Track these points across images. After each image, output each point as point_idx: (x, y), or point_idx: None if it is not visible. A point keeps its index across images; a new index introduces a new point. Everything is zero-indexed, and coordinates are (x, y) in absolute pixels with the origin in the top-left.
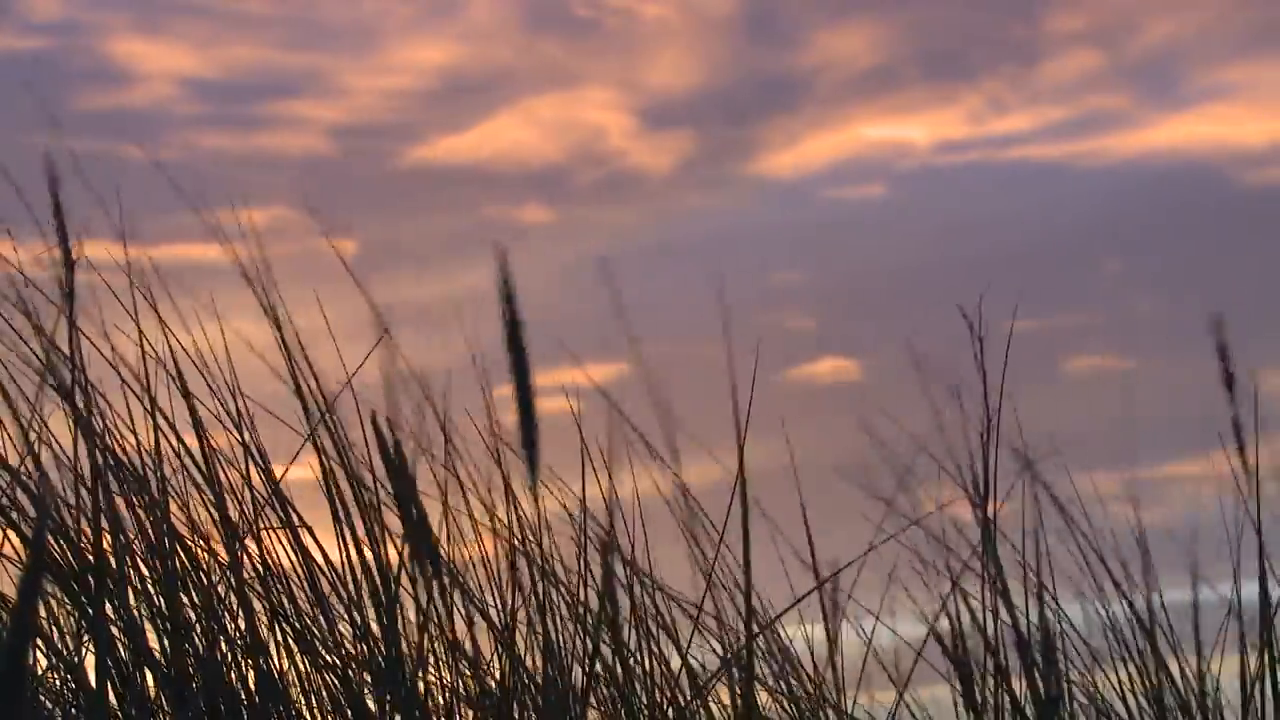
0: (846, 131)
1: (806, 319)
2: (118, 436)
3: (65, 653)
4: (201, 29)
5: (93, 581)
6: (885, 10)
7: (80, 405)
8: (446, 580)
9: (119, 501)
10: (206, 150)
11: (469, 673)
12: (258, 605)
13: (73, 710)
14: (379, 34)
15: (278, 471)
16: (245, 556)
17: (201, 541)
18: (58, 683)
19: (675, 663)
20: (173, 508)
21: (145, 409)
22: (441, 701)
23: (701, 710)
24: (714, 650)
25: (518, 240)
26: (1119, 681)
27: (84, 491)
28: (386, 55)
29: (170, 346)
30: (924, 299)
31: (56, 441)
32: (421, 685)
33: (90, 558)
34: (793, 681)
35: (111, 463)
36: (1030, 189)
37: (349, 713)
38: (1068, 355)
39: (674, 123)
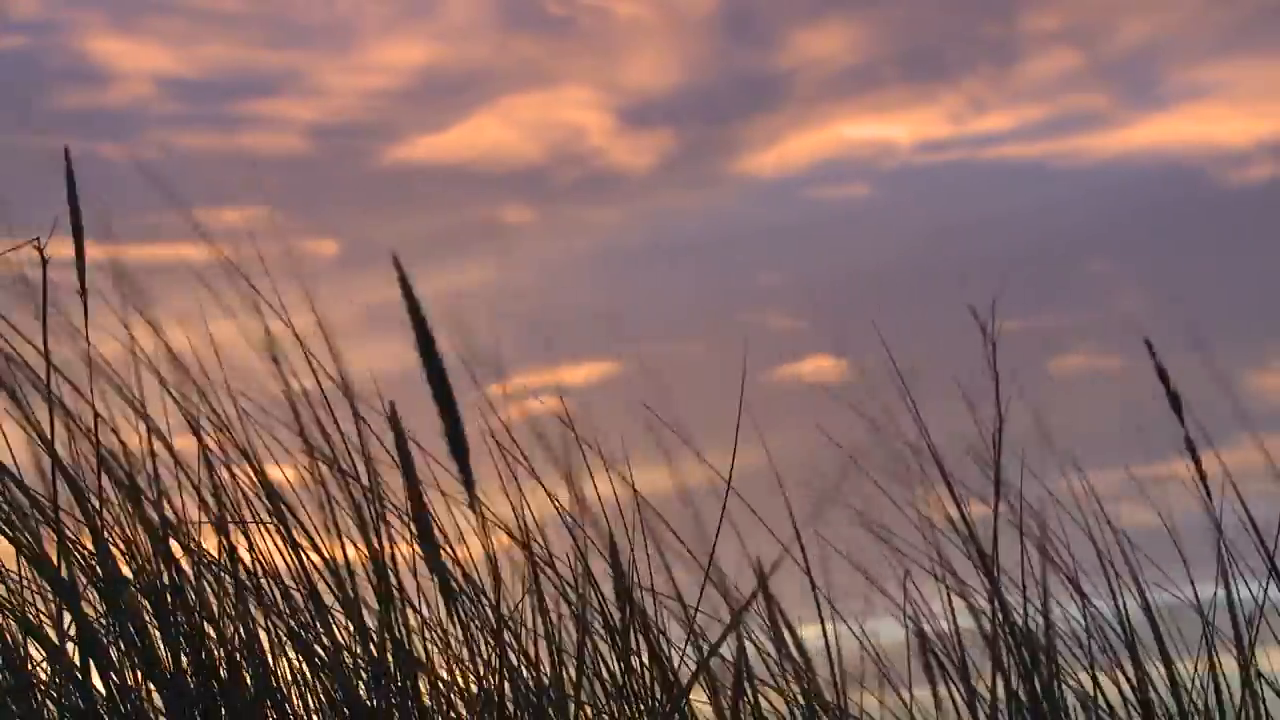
0: (828, 131)
1: (790, 318)
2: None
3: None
4: (178, 28)
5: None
6: (864, 9)
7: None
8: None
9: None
10: (184, 149)
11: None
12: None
13: (68, 715)
14: (356, 33)
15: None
16: (240, 555)
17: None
18: (55, 681)
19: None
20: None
21: (133, 409)
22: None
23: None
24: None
25: (502, 240)
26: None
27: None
28: (364, 55)
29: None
30: (911, 298)
31: (49, 442)
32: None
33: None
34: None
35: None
36: (1011, 188)
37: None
38: (1051, 355)
39: (653, 122)
